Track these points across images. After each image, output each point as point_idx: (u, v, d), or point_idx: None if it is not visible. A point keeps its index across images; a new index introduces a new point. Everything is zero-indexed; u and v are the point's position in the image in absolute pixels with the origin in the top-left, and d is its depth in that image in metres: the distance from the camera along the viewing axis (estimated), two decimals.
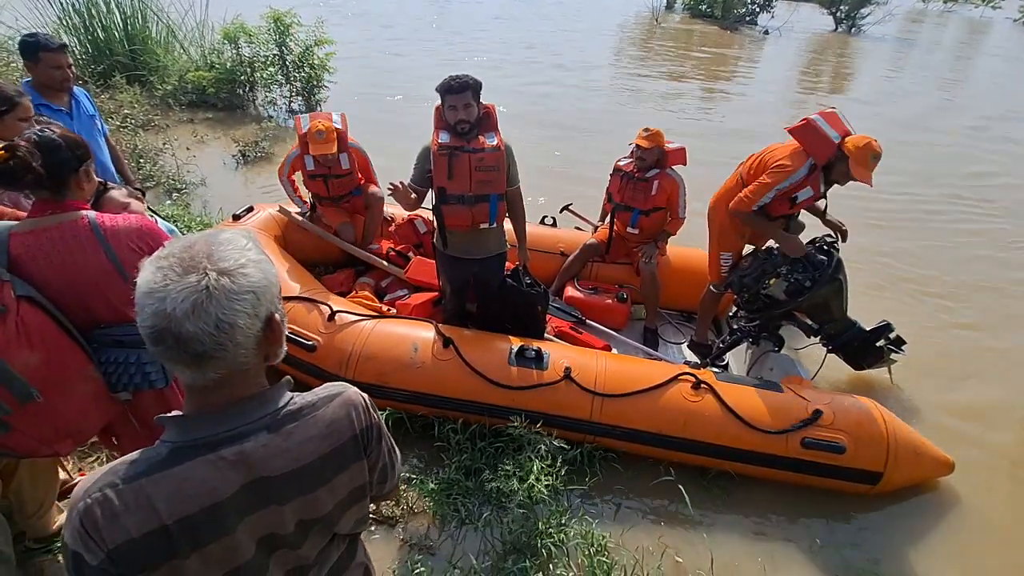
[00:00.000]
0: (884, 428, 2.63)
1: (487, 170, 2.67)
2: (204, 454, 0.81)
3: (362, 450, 0.97)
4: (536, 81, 9.97)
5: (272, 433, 0.86)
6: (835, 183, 2.93)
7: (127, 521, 0.76)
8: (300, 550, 0.94)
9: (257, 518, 0.85)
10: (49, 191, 1.58)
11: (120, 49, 7.35)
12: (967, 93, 12.05)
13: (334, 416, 0.93)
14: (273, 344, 0.85)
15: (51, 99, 2.73)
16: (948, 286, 4.72)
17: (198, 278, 0.75)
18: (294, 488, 0.88)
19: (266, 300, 0.82)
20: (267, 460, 0.85)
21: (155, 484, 0.78)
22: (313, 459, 0.89)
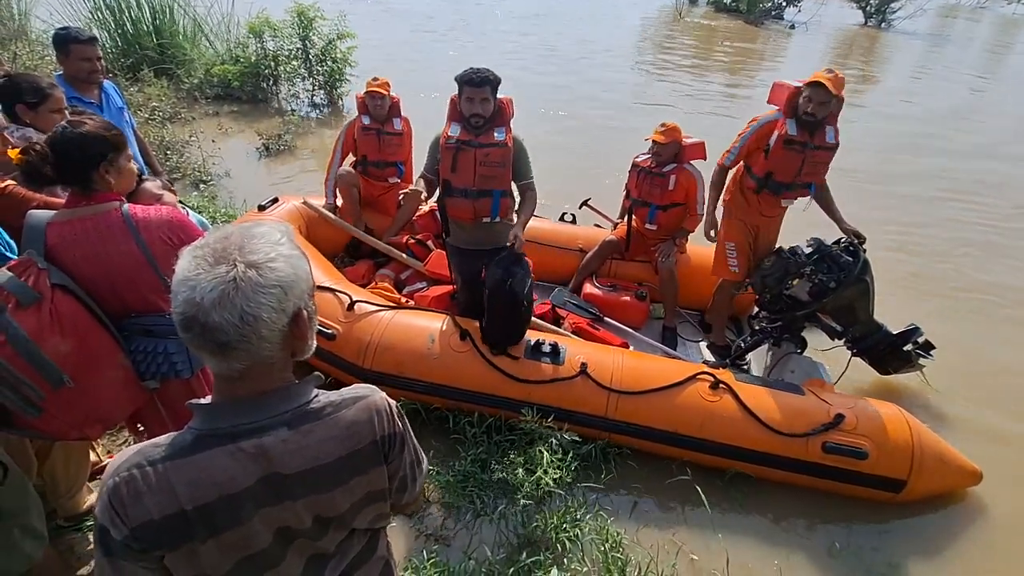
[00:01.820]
0: (909, 435, 2.57)
1: (491, 165, 2.68)
2: (225, 444, 0.83)
3: (383, 456, 0.96)
4: (556, 76, 9.91)
5: (292, 430, 0.86)
6: (813, 117, 2.89)
7: (149, 502, 0.79)
8: (319, 542, 0.95)
9: (272, 511, 0.87)
10: (72, 186, 1.63)
11: (148, 43, 7.49)
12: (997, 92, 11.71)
13: (355, 418, 0.93)
14: (299, 340, 0.86)
15: (82, 92, 2.79)
16: (981, 289, 4.61)
17: (227, 269, 0.77)
18: (308, 486, 0.88)
19: (293, 295, 0.82)
20: (284, 456, 0.85)
21: (177, 469, 0.81)
22: (331, 460, 0.89)
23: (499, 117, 2.72)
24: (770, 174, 3.09)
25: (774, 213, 3.24)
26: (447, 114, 2.79)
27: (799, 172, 3.03)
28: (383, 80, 3.76)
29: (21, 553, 1.60)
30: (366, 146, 3.82)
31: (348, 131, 3.82)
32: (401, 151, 3.92)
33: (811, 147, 2.97)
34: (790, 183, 3.08)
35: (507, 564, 2.17)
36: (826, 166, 3.05)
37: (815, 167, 3.02)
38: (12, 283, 1.49)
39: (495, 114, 2.70)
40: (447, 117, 2.79)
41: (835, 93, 2.82)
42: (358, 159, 3.87)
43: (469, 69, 2.62)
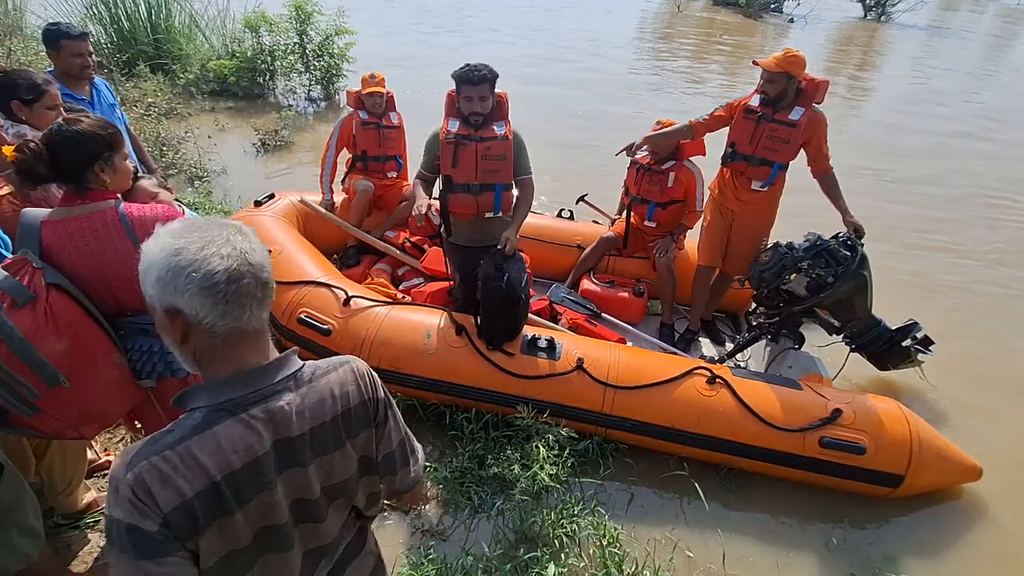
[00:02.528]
0: (907, 430, 2.57)
1: (494, 159, 2.66)
2: (236, 414, 0.85)
3: (371, 419, 1.00)
4: (552, 71, 9.87)
5: (293, 393, 0.90)
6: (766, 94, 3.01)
7: (179, 482, 0.79)
8: (323, 524, 0.97)
9: (287, 478, 0.89)
10: (67, 184, 1.62)
11: (144, 38, 7.43)
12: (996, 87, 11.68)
13: (343, 379, 0.97)
14: None
15: (73, 88, 2.77)
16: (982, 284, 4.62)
17: (220, 228, 0.84)
18: (313, 449, 0.92)
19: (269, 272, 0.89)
20: (288, 419, 0.88)
21: (199, 445, 0.81)
22: (328, 419, 0.93)
23: (497, 111, 2.71)
24: (734, 144, 3.17)
25: (748, 198, 3.24)
26: (444, 110, 2.77)
27: (752, 141, 3.09)
28: (381, 77, 3.76)
29: (17, 551, 1.60)
30: (366, 141, 3.80)
31: (344, 126, 3.80)
32: (399, 144, 3.93)
33: (769, 119, 3.03)
34: (750, 155, 3.12)
35: (504, 560, 2.18)
36: (789, 145, 3.04)
37: (774, 142, 3.04)
38: (7, 282, 1.49)
39: (494, 109, 2.68)
40: (444, 113, 2.77)
41: (777, 71, 2.91)
42: (357, 154, 3.85)
43: (466, 66, 2.58)
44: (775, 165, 3.09)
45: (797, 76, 2.95)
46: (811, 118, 2.99)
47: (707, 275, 3.47)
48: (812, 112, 3.00)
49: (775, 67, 2.92)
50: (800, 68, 2.94)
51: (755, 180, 3.17)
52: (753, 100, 3.10)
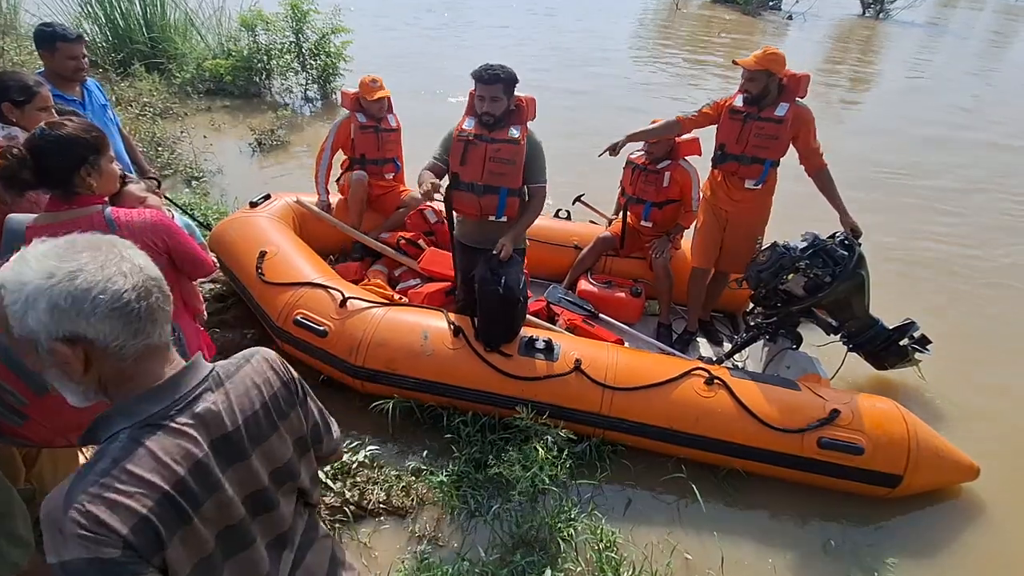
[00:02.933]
0: (905, 430, 2.56)
1: (501, 162, 2.64)
2: (163, 425, 0.83)
3: (295, 397, 1.03)
4: (548, 69, 9.83)
5: (215, 393, 0.91)
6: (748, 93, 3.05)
7: (129, 503, 0.76)
8: (277, 510, 0.99)
9: (234, 474, 0.90)
10: (53, 190, 1.60)
11: (139, 37, 7.40)
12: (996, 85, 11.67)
13: (258, 368, 0.99)
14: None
15: (64, 89, 2.73)
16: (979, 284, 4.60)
17: (108, 244, 0.82)
18: (252, 439, 0.93)
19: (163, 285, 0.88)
20: (219, 417, 0.89)
21: (136, 462, 0.79)
22: (257, 407, 0.95)
23: (515, 116, 2.68)
24: (723, 145, 3.18)
25: (742, 197, 3.24)
26: (465, 107, 2.78)
27: (740, 140, 3.10)
28: (381, 81, 3.72)
29: (7, 560, 1.58)
30: (365, 144, 3.77)
31: (342, 128, 3.76)
32: (397, 147, 3.91)
33: (755, 117, 3.04)
34: (740, 155, 3.12)
35: (501, 565, 2.16)
36: (778, 141, 3.05)
37: (762, 140, 3.06)
38: None
39: (511, 112, 2.66)
40: (464, 111, 2.78)
41: (757, 69, 2.94)
42: (354, 157, 3.82)
43: (483, 66, 2.57)
44: (766, 162, 3.10)
45: (778, 73, 2.97)
46: (796, 112, 3.01)
47: (702, 276, 3.47)
48: (796, 106, 3.02)
49: (755, 65, 2.95)
50: (780, 65, 2.96)
51: (748, 179, 3.17)
52: (737, 100, 3.12)
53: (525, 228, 2.78)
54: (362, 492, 2.40)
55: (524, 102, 2.70)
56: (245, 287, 3.13)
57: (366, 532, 2.31)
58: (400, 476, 2.51)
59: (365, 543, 2.27)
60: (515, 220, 2.79)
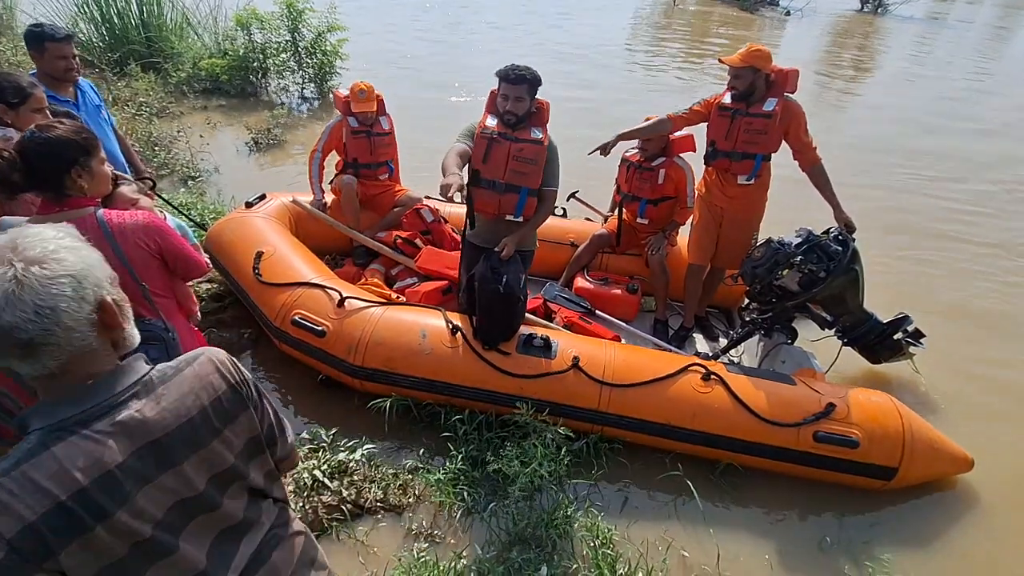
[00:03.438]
0: (900, 423, 2.58)
1: (524, 161, 2.65)
2: (75, 432, 0.81)
3: (247, 400, 1.00)
4: (543, 65, 9.78)
5: (143, 399, 0.87)
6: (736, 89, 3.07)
7: (19, 508, 0.76)
8: (221, 510, 0.96)
9: (159, 485, 0.87)
10: (44, 192, 1.60)
11: (135, 36, 7.37)
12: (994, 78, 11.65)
13: (201, 371, 0.95)
14: (114, 328, 0.87)
15: (56, 90, 2.72)
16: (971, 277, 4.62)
17: (4, 270, 0.76)
18: (186, 445, 0.90)
19: (90, 283, 0.82)
20: (148, 424, 0.86)
21: (35, 467, 0.78)
22: (194, 413, 0.91)
23: (536, 117, 2.71)
24: (713, 142, 3.21)
25: (735, 193, 3.25)
26: (485, 105, 2.80)
27: (729, 136, 3.12)
28: (371, 89, 3.67)
29: None
30: (357, 149, 3.76)
31: (334, 131, 3.75)
32: (391, 150, 3.90)
33: (743, 113, 3.07)
34: (730, 151, 3.14)
35: (497, 562, 2.17)
36: (768, 136, 3.06)
37: (752, 135, 3.08)
38: None
39: (532, 113, 2.69)
40: (485, 108, 2.80)
41: (742, 66, 2.97)
42: (348, 161, 3.81)
43: (509, 65, 2.60)
44: (757, 157, 3.12)
45: (763, 69, 3.00)
46: (785, 107, 3.03)
47: (698, 273, 3.48)
48: (786, 101, 3.04)
49: (739, 62, 2.98)
50: (765, 61, 2.98)
51: (740, 175, 3.19)
52: (726, 98, 3.15)
53: (532, 230, 2.79)
54: (359, 490, 2.41)
55: (543, 105, 2.73)
56: (242, 288, 3.13)
57: (363, 530, 2.32)
58: (397, 474, 2.52)
59: (363, 541, 2.28)
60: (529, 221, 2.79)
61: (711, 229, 3.36)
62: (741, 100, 3.08)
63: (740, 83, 3.03)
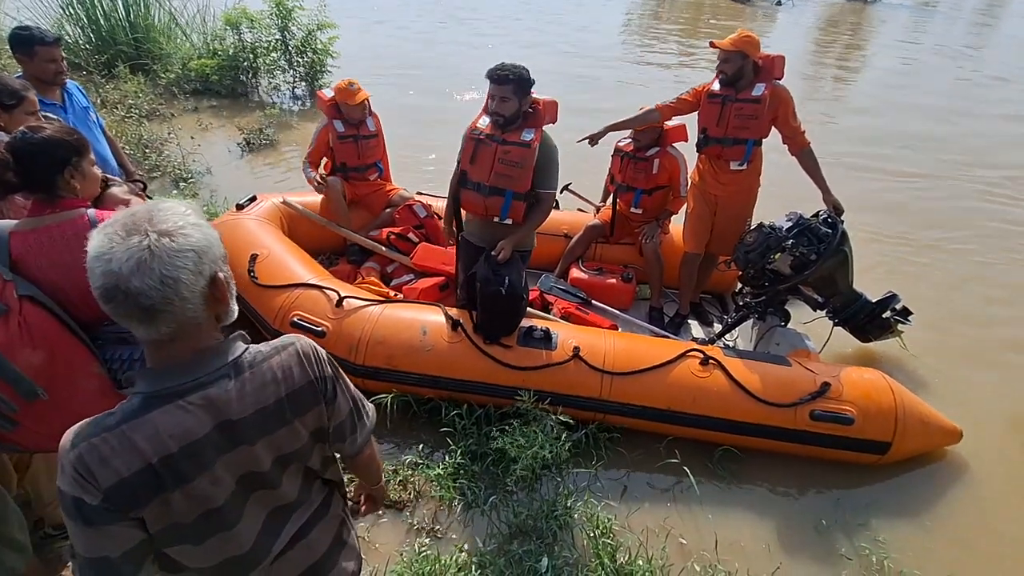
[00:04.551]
0: (892, 399, 2.64)
1: (509, 164, 2.60)
2: (173, 400, 0.89)
3: (320, 396, 1.05)
4: (535, 57, 9.76)
5: (232, 380, 0.94)
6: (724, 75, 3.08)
7: (116, 463, 0.85)
8: (279, 489, 1.04)
9: (232, 457, 0.95)
10: (37, 193, 1.59)
11: (123, 38, 7.31)
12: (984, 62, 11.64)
13: (286, 363, 1.01)
14: (221, 303, 0.94)
15: (43, 93, 2.68)
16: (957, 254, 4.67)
17: (140, 239, 0.83)
18: (258, 429, 0.97)
19: (208, 259, 0.89)
20: (230, 404, 0.93)
21: (135, 429, 0.87)
22: (271, 402, 0.98)
23: (531, 118, 2.63)
24: (704, 129, 3.22)
25: (728, 180, 3.26)
26: (483, 105, 2.74)
27: (720, 123, 3.13)
28: (359, 86, 3.63)
29: (4, 565, 1.59)
30: (345, 154, 3.74)
31: (320, 138, 3.72)
32: (378, 150, 3.88)
33: (732, 99, 3.08)
34: (722, 137, 3.15)
35: (498, 554, 2.19)
36: (758, 121, 3.08)
37: (743, 120, 3.09)
38: None
39: (527, 114, 2.62)
40: (482, 108, 2.75)
41: (732, 50, 2.99)
42: (336, 165, 3.79)
43: (498, 64, 2.54)
44: (748, 142, 3.13)
45: (752, 55, 3.01)
46: (773, 92, 3.05)
47: (694, 261, 3.49)
48: (773, 86, 3.06)
49: (730, 46, 3.00)
50: (754, 47, 3.01)
51: (732, 161, 3.20)
52: (715, 85, 3.17)
53: (529, 232, 2.75)
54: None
55: (542, 105, 2.64)
56: (237, 291, 3.10)
57: (365, 526, 2.33)
58: (397, 470, 2.53)
59: (364, 537, 2.29)
60: (519, 223, 2.74)
61: (706, 217, 3.37)
62: (729, 85, 3.09)
63: (729, 67, 3.04)
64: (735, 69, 3.04)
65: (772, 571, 2.26)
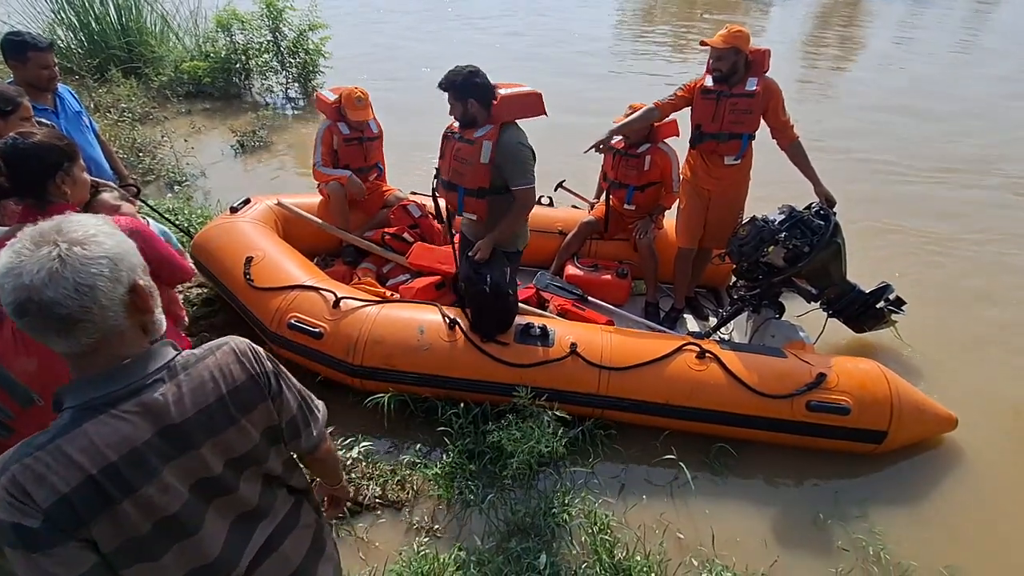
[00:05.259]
0: (888, 388, 2.66)
1: (460, 161, 2.65)
2: (105, 411, 0.87)
3: (265, 391, 1.03)
4: (526, 54, 9.74)
5: (167, 383, 0.92)
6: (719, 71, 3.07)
7: (54, 480, 0.81)
8: (237, 492, 1.00)
9: (181, 463, 0.92)
10: (27, 199, 1.59)
11: (115, 41, 7.28)
12: None
13: (223, 361, 0.99)
14: (144, 312, 0.92)
15: (35, 98, 2.67)
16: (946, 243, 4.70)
17: (50, 249, 0.81)
18: (203, 431, 0.94)
19: (125, 266, 0.88)
20: (169, 408, 0.91)
21: (69, 443, 0.84)
22: (212, 400, 0.95)
23: (488, 118, 2.61)
24: (699, 125, 3.21)
25: (722, 174, 3.27)
26: None
27: (716, 118, 3.13)
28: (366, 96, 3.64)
29: (2, 570, 1.59)
30: (350, 156, 3.75)
31: (325, 139, 3.71)
32: (380, 151, 3.89)
33: (726, 95, 3.08)
34: (717, 132, 3.15)
35: (496, 552, 2.19)
36: (752, 115, 3.09)
37: (738, 115, 3.10)
38: None
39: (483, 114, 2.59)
40: None
41: (725, 47, 2.98)
42: (340, 167, 3.77)
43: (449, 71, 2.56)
44: (744, 137, 3.14)
45: (744, 49, 3.01)
46: (765, 85, 3.07)
47: (688, 256, 3.50)
48: (765, 80, 3.07)
49: (723, 44, 2.99)
50: (746, 42, 3.00)
51: (727, 156, 3.21)
52: (707, 81, 3.15)
53: (507, 231, 2.67)
54: (357, 488, 2.43)
55: (499, 103, 2.57)
56: (233, 294, 3.11)
57: (363, 527, 2.34)
58: (395, 470, 2.54)
59: (363, 537, 2.30)
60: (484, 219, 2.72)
61: (699, 212, 3.37)
62: (723, 82, 3.09)
63: (723, 64, 3.03)
64: (729, 66, 3.03)
65: (770, 564, 2.27)
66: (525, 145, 2.60)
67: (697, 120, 3.21)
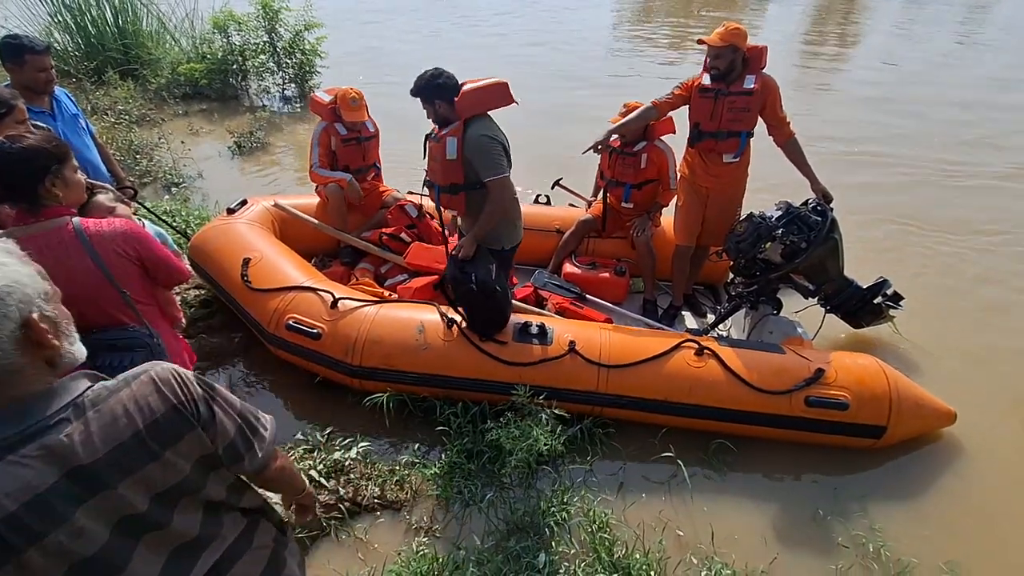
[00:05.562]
0: (886, 383, 2.66)
1: (432, 159, 2.71)
2: (3, 457, 0.80)
3: (193, 420, 0.95)
4: (522, 53, 9.73)
5: (73, 423, 0.84)
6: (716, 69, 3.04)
7: None
8: (171, 527, 0.93)
9: (96, 504, 0.85)
10: (20, 203, 1.59)
11: (112, 44, 7.29)
12: None
13: (139, 393, 0.90)
14: (43, 347, 0.84)
15: (31, 101, 2.67)
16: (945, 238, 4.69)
17: None
18: (117, 470, 0.86)
19: (14, 301, 0.80)
20: (75, 449, 0.83)
21: None
22: (126, 437, 0.87)
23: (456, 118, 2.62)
24: (697, 124, 3.20)
25: (720, 172, 3.26)
26: None
27: (714, 117, 3.12)
28: (361, 97, 3.65)
29: None
30: (348, 157, 3.75)
31: (322, 140, 3.71)
32: (376, 151, 3.90)
33: (724, 93, 3.07)
34: (715, 131, 3.14)
35: (496, 551, 2.19)
36: (751, 113, 3.08)
37: (736, 113, 3.08)
38: None
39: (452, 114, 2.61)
40: None
41: (723, 45, 2.96)
42: (339, 168, 3.79)
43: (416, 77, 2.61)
44: (742, 134, 3.13)
45: (741, 47, 3.00)
46: (763, 82, 3.05)
47: (686, 254, 3.50)
48: (763, 76, 3.06)
49: (720, 42, 2.97)
50: (743, 39, 2.99)
51: (726, 154, 3.20)
52: (705, 79, 3.13)
53: (485, 225, 2.64)
54: (356, 488, 2.42)
55: (460, 99, 2.55)
56: (231, 296, 3.11)
57: (362, 528, 2.34)
58: (393, 471, 2.53)
59: (362, 538, 2.29)
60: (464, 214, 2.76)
61: (697, 210, 3.36)
62: (720, 80, 3.07)
63: (721, 62, 3.02)
64: (727, 64, 3.01)
65: (769, 561, 2.27)
66: (491, 137, 2.54)
67: (695, 119, 3.20)
